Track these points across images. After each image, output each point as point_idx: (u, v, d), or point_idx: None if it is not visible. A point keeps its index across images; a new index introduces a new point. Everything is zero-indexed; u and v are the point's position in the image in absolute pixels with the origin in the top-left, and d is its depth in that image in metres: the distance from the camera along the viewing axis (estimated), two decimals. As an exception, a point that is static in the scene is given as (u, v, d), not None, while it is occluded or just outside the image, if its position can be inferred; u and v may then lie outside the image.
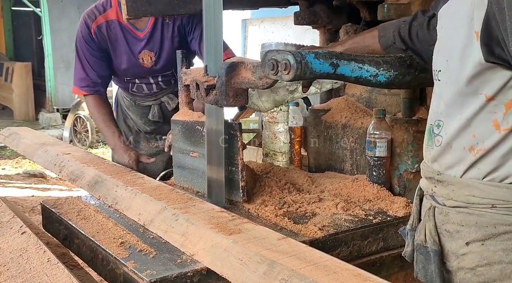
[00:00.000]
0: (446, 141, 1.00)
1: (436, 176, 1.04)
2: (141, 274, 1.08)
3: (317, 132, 1.94)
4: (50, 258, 1.09)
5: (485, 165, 0.95)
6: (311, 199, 1.56)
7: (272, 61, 1.29)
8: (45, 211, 1.60)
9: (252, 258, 0.98)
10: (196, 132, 1.67)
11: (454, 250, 1.01)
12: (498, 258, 0.93)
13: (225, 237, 1.10)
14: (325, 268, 0.89)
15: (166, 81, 2.22)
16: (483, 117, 0.93)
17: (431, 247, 1.04)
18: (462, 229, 0.99)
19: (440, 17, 1.06)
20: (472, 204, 0.97)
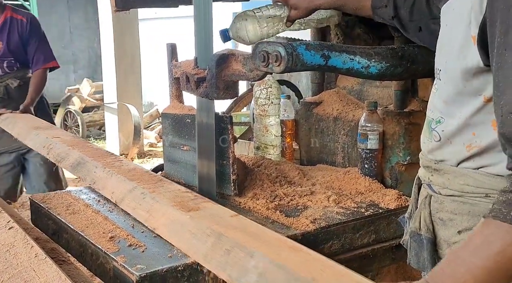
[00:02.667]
0: (445, 137, 1.00)
1: (433, 165, 1.05)
2: (131, 268, 1.07)
3: (308, 125, 1.93)
4: (38, 253, 1.08)
5: (481, 160, 0.95)
6: (303, 192, 1.55)
7: (263, 53, 1.27)
8: (34, 206, 1.58)
9: (204, 231, 1.07)
10: (186, 125, 1.65)
11: (446, 238, 1.02)
12: None
13: (184, 213, 1.17)
14: (265, 241, 0.99)
15: (10, 67, 2.94)
16: (482, 117, 0.93)
17: (424, 235, 1.05)
18: (455, 218, 0.99)
19: (443, 13, 1.05)
20: (466, 193, 0.97)
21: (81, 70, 9.35)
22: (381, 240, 1.45)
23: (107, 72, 6.20)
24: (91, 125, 7.36)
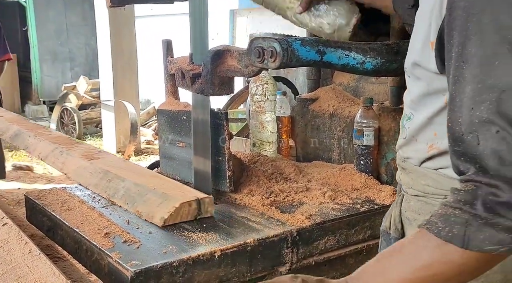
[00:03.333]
0: (411, 134, 0.97)
1: (401, 163, 1.02)
2: (126, 264, 1.06)
3: (304, 122, 1.93)
4: (32, 250, 1.07)
5: (441, 161, 0.92)
6: (299, 188, 1.55)
7: (258, 48, 1.27)
8: (29, 202, 1.57)
9: (97, 171, 1.60)
10: (182, 122, 1.65)
11: None
12: None
13: (87, 161, 1.69)
14: (134, 172, 1.57)
15: None
16: (443, 119, 0.85)
17: (393, 234, 1.03)
18: (419, 218, 0.96)
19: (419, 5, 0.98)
20: (428, 194, 0.94)
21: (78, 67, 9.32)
22: (377, 236, 1.45)
23: (103, 69, 6.18)
24: (87, 122, 7.34)
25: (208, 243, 1.18)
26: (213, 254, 1.13)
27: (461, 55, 0.72)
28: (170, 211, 1.26)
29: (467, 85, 0.71)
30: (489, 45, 0.70)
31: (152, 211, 1.30)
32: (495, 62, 0.69)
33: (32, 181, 4.84)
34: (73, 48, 9.35)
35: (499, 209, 0.65)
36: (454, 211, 0.69)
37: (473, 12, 0.71)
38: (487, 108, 0.69)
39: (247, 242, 1.19)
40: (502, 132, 0.68)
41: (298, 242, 1.28)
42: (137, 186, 1.43)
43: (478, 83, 0.70)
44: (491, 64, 0.69)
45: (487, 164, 0.68)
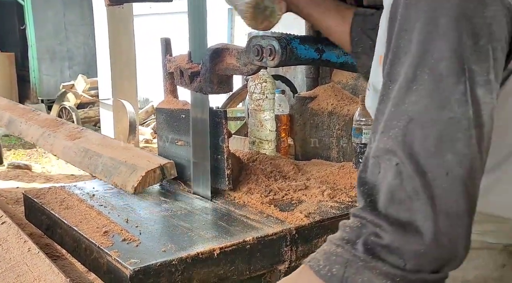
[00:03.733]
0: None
1: None
2: (125, 263, 1.06)
3: (303, 120, 1.93)
4: (31, 248, 1.07)
5: None
6: (297, 186, 1.55)
7: (257, 47, 1.27)
8: (27, 201, 1.57)
9: (80, 150, 1.79)
10: (181, 120, 1.65)
11: None
12: None
13: (71, 141, 1.87)
14: (111, 148, 1.74)
15: None
16: None
17: None
18: None
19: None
20: None
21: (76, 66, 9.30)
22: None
23: (102, 68, 6.17)
24: (86, 121, 7.34)
25: (207, 241, 1.18)
26: (212, 252, 1.13)
27: (388, 74, 0.66)
28: (138, 180, 1.50)
29: (387, 106, 0.64)
30: (411, 67, 0.62)
31: (125, 181, 1.52)
32: (413, 87, 0.62)
33: (30, 179, 4.83)
34: (71, 47, 9.34)
35: (379, 251, 0.59)
36: (336, 249, 0.63)
37: (405, 28, 0.64)
38: (394, 136, 0.62)
39: (246, 240, 1.19)
40: (400, 166, 0.60)
41: (297, 240, 1.28)
42: (112, 160, 1.62)
43: (393, 106, 0.64)
44: (409, 89, 0.62)
45: (378, 198, 0.62)
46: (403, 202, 0.59)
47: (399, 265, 0.58)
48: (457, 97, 0.60)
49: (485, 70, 0.61)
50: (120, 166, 1.58)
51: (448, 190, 0.58)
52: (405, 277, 0.58)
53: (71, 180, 4.82)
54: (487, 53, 0.61)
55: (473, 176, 0.59)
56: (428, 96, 0.60)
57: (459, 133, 0.59)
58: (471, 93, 0.60)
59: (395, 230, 0.59)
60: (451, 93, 0.60)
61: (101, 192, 1.57)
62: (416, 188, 0.58)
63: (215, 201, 1.48)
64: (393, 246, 0.58)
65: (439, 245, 0.58)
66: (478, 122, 0.60)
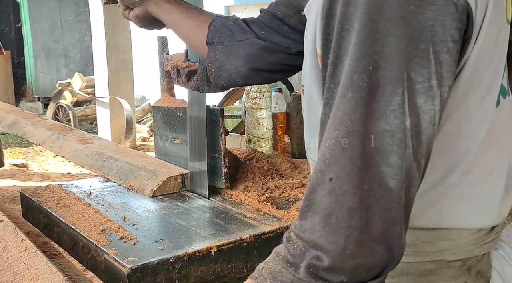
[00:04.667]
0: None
1: None
2: (122, 261, 1.07)
3: (300, 118, 1.94)
4: (28, 247, 1.07)
5: None
6: (294, 184, 1.56)
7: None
8: (24, 199, 1.57)
9: (92, 153, 1.79)
10: (177, 119, 1.65)
11: None
12: None
13: (82, 145, 1.88)
14: (125, 154, 1.77)
15: None
16: None
17: None
18: None
19: (306, 15, 0.77)
20: None
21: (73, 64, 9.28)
22: None
23: (98, 66, 6.16)
24: (83, 119, 7.33)
25: (204, 239, 1.18)
26: (209, 250, 1.14)
27: (331, 76, 0.61)
28: (159, 184, 1.49)
29: (337, 111, 0.60)
30: (348, 73, 0.58)
31: (143, 184, 1.51)
32: (348, 94, 0.58)
33: (27, 178, 4.83)
34: (67, 44, 9.32)
35: (321, 273, 0.58)
36: (281, 269, 0.61)
37: (346, 28, 0.59)
38: (332, 148, 0.59)
39: (243, 238, 1.19)
40: (334, 183, 0.58)
41: (293, 238, 1.29)
42: (129, 164, 1.63)
43: (333, 113, 0.60)
44: (344, 96, 0.58)
45: (316, 219, 0.59)
46: (341, 222, 0.58)
47: (340, 281, 0.58)
48: (393, 108, 0.57)
49: (426, 77, 0.58)
50: (138, 170, 1.59)
51: (381, 202, 0.57)
52: None
53: (68, 178, 4.81)
54: (428, 58, 0.58)
55: (407, 185, 0.58)
56: (364, 105, 0.57)
57: (393, 146, 0.57)
58: (409, 103, 0.57)
59: (337, 254, 0.58)
60: (387, 104, 0.57)
61: (98, 190, 1.57)
62: (353, 204, 0.57)
63: (212, 199, 1.49)
64: (334, 267, 0.58)
65: (375, 254, 0.58)
66: (416, 132, 0.58)
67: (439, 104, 0.59)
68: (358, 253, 0.58)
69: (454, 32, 0.59)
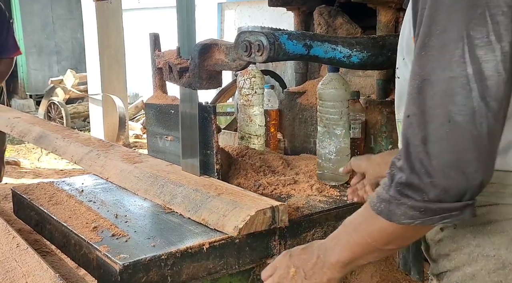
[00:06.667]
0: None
1: None
2: (114, 258, 1.07)
3: (292, 115, 1.94)
4: (20, 244, 1.07)
5: None
6: (286, 181, 1.56)
7: (246, 42, 1.27)
8: (16, 197, 1.56)
9: (145, 175, 1.51)
10: (170, 116, 1.65)
11: (432, 237, 0.97)
12: (466, 241, 0.88)
13: (130, 165, 1.60)
14: (188, 178, 1.48)
15: None
16: None
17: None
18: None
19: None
20: None
21: (65, 61, 9.22)
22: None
23: (91, 63, 6.13)
24: (75, 117, 7.28)
25: (197, 236, 1.19)
26: (201, 246, 1.14)
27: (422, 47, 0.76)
28: (245, 220, 1.17)
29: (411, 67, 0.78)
30: (421, 37, 0.76)
31: (222, 220, 1.21)
32: (422, 53, 0.75)
33: (19, 175, 4.80)
34: (59, 41, 9.25)
35: (406, 191, 0.75)
36: (382, 191, 0.80)
37: (423, 6, 0.76)
38: (410, 93, 0.77)
39: (235, 234, 1.20)
40: (411, 118, 0.75)
41: (286, 234, 1.29)
42: (198, 191, 1.34)
43: (413, 67, 0.77)
44: (419, 54, 0.76)
45: (400, 147, 0.77)
46: (416, 147, 0.74)
47: (422, 199, 0.74)
48: (455, 59, 0.72)
49: (485, 34, 0.71)
50: (212, 199, 1.28)
51: (451, 133, 0.72)
52: (427, 207, 0.74)
53: (61, 176, 4.79)
54: (485, 20, 0.71)
55: (478, 121, 0.71)
56: (434, 60, 0.74)
57: (457, 88, 0.72)
58: (470, 54, 0.71)
59: (413, 173, 0.74)
60: (451, 56, 0.72)
61: (90, 187, 1.57)
62: (425, 135, 0.73)
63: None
64: (414, 185, 0.74)
65: (449, 177, 0.72)
66: (479, 78, 0.71)
67: (501, 55, 0.72)
68: (432, 175, 0.72)
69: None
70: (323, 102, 1.51)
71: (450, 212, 0.74)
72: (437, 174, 0.72)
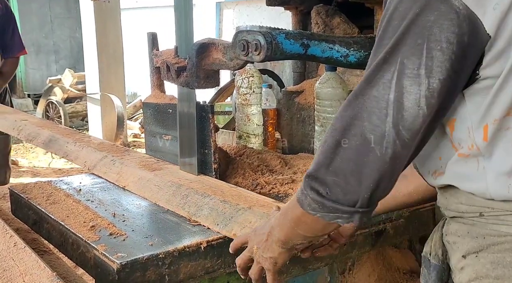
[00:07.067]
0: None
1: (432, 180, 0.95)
2: (112, 257, 1.07)
3: (290, 114, 1.94)
4: (17, 243, 1.07)
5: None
6: (284, 180, 1.57)
7: (243, 42, 1.28)
8: (14, 196, 1.56)
9: (166, 184, 1.41)
10: (168, 115, 1.65)
11: (455, 263, 0.92)
12: (486, 272, 0.84)
13: (149, 172, 1.50)
14: (214, 188, 1.37)
15: None
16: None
17: (432, 261, 0.96)
18: (459, 240, 0.90)
19: None
20: (462, 213, 0.87)
21: (63, 60, 9.21)
22: (361, 227, 1.47)
23: (89, 62, 6.12)
24: (73, 116, 7.28)
25: (194, 235, 1.19)
26: (199, 245, 1.14)
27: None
28: None
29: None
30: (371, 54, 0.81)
31: None
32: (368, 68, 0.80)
33: (17, 174, 4.79)
34: (57, 40, 9.23)
35: (312, 182, 0.80)
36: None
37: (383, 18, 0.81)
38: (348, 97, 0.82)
39: (233, 233, 1.20)
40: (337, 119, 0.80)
41: (283, 233, 1.29)
42: (225, 202, 1.24)
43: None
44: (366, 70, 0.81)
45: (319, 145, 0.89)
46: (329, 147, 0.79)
47: (324, 193, 0.79)
48: (384, 81, 0.75)
49: (417, 65, 0.74)
50: (243, 212, 1.18)
51: (359, 147, 0.76)
52: (324, 204, 0.79)
53: (59, 175, 4.78)
54: (421, 52, 0.74)
55: (384, 145, 0.75)
56: (368, 75, 0.77)
57: (376, 109, 0.76)
58: (396, 81, 0.75)
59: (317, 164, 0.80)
60: (381, 77, 0.76)
61: (88, 186, 1.57)
62: (339, 139, 0.78)
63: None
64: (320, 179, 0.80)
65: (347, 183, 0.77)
66: (398, 106, 0.75)
67: (426, 90, 0.74)
68: (335, 174, 0.78)
69: (451, 35, 0.73)
70: (320, 102, 1.51)
71: (341, 213, 0.79)
72: (340, 176, 0.77)
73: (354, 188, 0.77)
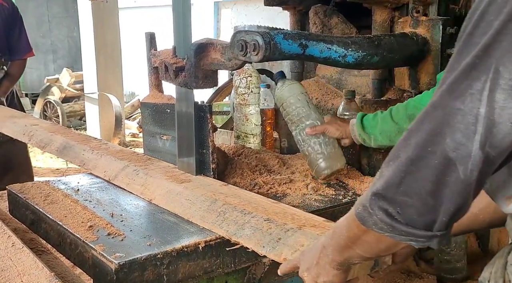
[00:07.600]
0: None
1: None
2: (110, 257, 1.07)
3: (288, 114, 1.94)
4: (15, 243, 1.07)
5: None
6: (282, 180, 1.57)
7: (241, 42, 1.28)
8: (11, 196, 1.56)
9: (199, 198, 1.28)
10: (166, 115, 1.65)
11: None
12: None
13: (178, 184, 1.38)
14: (254, 203, 1.23)
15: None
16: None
17: None
18: None
19: None
20: None
21: (61, 59, 9.20)
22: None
23: (87, 62, 6.12)
24: (71, 115, 7.27)
25: (192, 235, 1.19)
26: (197, 245, 1.14)
27: None
28: None
29: None
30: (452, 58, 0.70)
31: None
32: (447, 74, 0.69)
33: (15, 174, 4.77)
34: (55, 40, 9.22)
35: (379, 201, 0.70)
36: (365, 194, 0.75)
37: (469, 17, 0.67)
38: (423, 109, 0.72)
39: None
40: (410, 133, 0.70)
41: (281, 233, 1.29)
42: (270, 221, 1.11)
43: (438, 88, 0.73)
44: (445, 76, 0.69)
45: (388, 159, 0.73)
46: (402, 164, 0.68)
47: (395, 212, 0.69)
48: (472, 92, 0.63)
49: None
50: (292, 233, 1.05)
51: (439, 165, 0.65)
52: (395, 227, 0.70)
53: (57, 175, 4.78)
54: None
55: (469, 167, 0.64)
56: (451, 83, 0.65)
57: (461, 125, 0.63)
58: (489, 93, 0.62)
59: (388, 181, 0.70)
60: (468, 87, 0.63)
61: (86, 186, 1.57)
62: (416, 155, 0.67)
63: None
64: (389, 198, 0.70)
65: (424, 203, 0.67)
66: (487, 122, 0.62)
67: None
68: (407, 193, 0.68)
69: None
70: (284, 109, 1.56)
71: (417, 237, 0.70)
72: (414, 197, 0.67)
73: (431, 211, 0.68)
